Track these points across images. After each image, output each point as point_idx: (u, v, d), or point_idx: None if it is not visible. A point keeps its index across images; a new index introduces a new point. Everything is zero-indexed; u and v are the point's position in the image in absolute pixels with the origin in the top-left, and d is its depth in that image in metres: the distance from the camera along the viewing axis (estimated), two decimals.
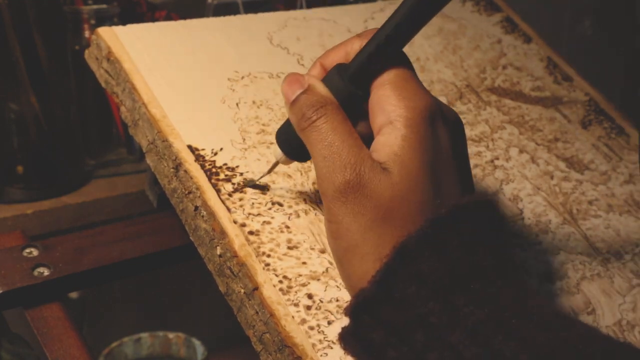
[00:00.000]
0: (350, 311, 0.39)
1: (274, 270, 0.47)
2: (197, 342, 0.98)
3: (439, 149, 0.43)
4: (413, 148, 0.42)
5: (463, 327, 0.37)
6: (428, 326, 0.37)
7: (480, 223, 0.41)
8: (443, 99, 0.67)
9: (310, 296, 0.46)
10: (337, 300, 0.46)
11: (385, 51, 0.44)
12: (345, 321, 0.40)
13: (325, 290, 0.47)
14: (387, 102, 0.43)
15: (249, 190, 0.52)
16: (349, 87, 0.45)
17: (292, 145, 0.48)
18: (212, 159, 0.53)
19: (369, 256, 0.41)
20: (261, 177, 0.52)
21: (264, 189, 0.52)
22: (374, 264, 0.40)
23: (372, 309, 0.39)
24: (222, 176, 0.52)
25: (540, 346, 0.36)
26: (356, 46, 0.46)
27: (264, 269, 0.47)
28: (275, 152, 0.49)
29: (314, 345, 0.43)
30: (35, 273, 0.56)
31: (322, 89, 0.45)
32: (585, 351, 0.36)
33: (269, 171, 0.51)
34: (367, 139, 0.44)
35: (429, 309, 0.38)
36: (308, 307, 0.45)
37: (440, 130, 0.43)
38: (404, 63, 0.45)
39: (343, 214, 0.42)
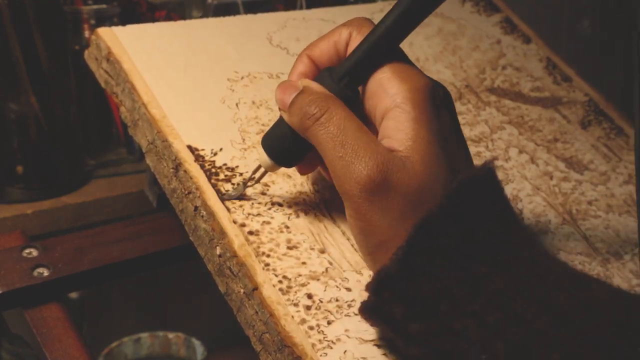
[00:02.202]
0: (371, 288, 0.39)
1: (274, 270, 0.47)
2: (196, 342, 0.98)
3: (445, 127, 0.43)
4: (426, 130, 0.41)
5: (484, 294, 0.37)
6: (451, 297, 0.38)
7: (490, 192, 0.41)
8: None
9: (309, 296, 0.46)
10: (337, 300, 0.46)
11: (378, 52, 0.43)
12: (362, 296, 0.40)
13: (324, 290, 0.47)
14: (389, 86, 0.42)
15: (249, 190, 0.52)
16: (342, 90, 0.44)
17: (280, 150, 0.47)
18: (212, 159, 0.53)
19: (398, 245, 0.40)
20: (246, 187, 0.51)
21: (250, 198, 0.51)
22: None
23: (393, 285, 0.39)
24: (221, 176, 0.52)
25: (559, 307, 0.37)
26: (345, 35, 0.46)
27: (263, 269, 0.47)
28: (262, 159, 0.48)
29: (313, 345, 0.43)
30: (35, 273, 0.56)
31: (317, 86, 0.44)
32: (602, 309, 0.36)
33: (257, 180, 0.50)
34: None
35: (451, 281, 0.38)
36: (308, 307, 0.45)
37: (441, 108, 0.43)
38: (399, 55, 0.45)
39: (372, 212, 0.41)
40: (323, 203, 0.53)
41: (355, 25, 0.46)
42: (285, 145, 0.46)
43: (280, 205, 0.51)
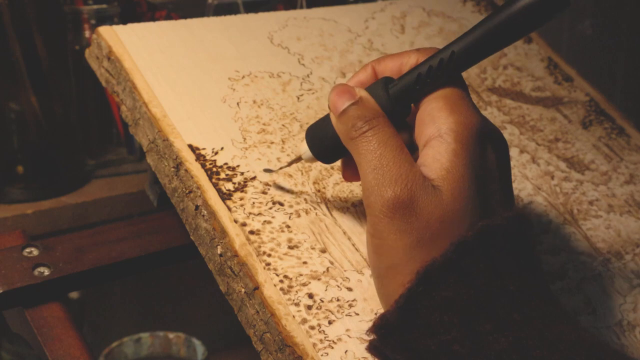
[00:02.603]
0: (374, 331, 0.39)
1: (275, 269, 0.47)
2: (197, 342, 0.98)
3: (487, 168, 0.42)
4: (464, 165, 0.41)
5: (487, 355, 0.36)
6: (451, 353, 0.37)
7: (508, 244, 0.40)
8: None
9: (311, 296, 0.46)
10: (338, 300, 0.46)
11: (437, 74, 0.43)
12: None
13: (326, 290, 0.47)
14: (439, 115, 0.42)
15: (250, 189, 0.52)
16: (392, 103, 0.44)
17: (321, 147, 0.48)
18: (213, 158, 0.53)
19: (412, 275, 0.40)
20: (280, 168, 0.53)
21: (271, 171, 0.53)
22: None
23: (395, 332, 0.38)
24: (222, 175, 0.52)
25: None
26: (412, 60, 0.46)
27: (264, 268, 0.47)
28: (302, 148, 0.49)
29: (314, 344, 0.43)
30: (36, 273, 0.56)
31: (373, 102, 0.44)
32: None
33: (290, 164, 0.51)
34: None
35: (452, 337, 0.37)
36: (309, 307, 0.45)
37: (488, 149, 0.43)
38: (458, 82, 0.44)
39: (389, 230, 0.41)
40: (324, 203, 0.53)
41: (426, 53, 0.46)
42: (328, 143, 0.47)
43: (281, 204, 0.51)
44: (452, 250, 0.39)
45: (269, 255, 0.47)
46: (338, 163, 0.51)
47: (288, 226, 0.50)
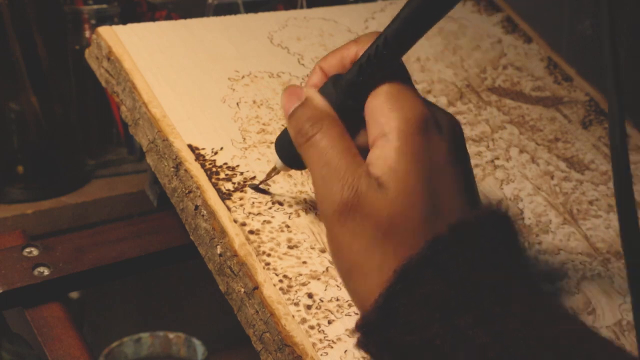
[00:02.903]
0: (357, 329, 0.39)
1: (274, 269, 0.47)
2: (197, 342, 0.98)
3: (435, 160, 0.42)
4: (408, 161, 0.41)
5: (468, 349, 0.36)
6: (433, 349, 0.37)
7: (484, 238, 0.40)
8: (443, 99, 0.67)
9: (310, 295, 0.46)
10: (338, 300, 0.46)
11: (377, 62, 0.42)
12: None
13: (325, 290, 0.47)
14: (380, 114, 0.42)
15: (249, 189, 0.52)
16: (342, 99, 0.44)
17: (290, 154, 0.47)
18: (213, 158, 0.53)
19: (372, 274, 0.40)
20: (260, 183, 0.52)
21: (265, 193, 0.52)
22: (378, 283, 0.39)
23: (377, 331, 0.38)
24: (222, 175, 0.52)
25: None
26: (352, 52, 0.46)
27: (264, 268, 0.47)
28: (274, 159, 0.49)
29: (314, 344, 0.43)
30: (36, 273, 0.56)
31: (319, 100, 0.44)
32: None
33: (268, 177, 0.51)
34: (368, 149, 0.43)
35: (433, 333, 0.37)
36: (308, 307, 0.45)
37: (435, 139, 0.42)
38: (399, 72, 0.44)
39: (342, 234, 0.41)
40: None
41: (364, 42, 0.45)
42: (292, 149, 0.46)
43: (280, 204, 0.51)
44: (427, 247, 0.39)
45: (269, 255, 0.47)
46: None
47: (287, 226, 0.50)
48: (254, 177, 0.53)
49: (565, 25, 1.16)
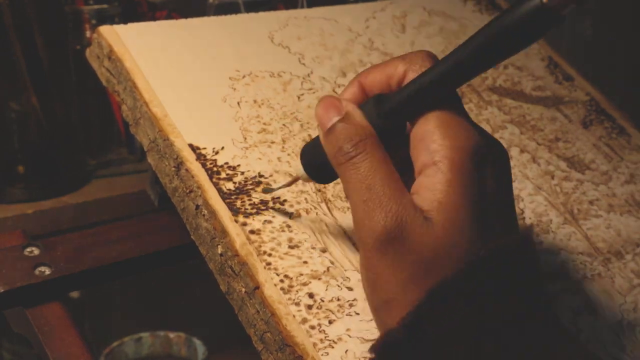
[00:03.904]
0: (377, 350, 0.38)
1: (275, 269, 0.47)
2: (197, 342, 0.98)
3: (485, 194, 0.40)
4: (458, 194, 0.39)
5: None
6: None
7: (516, 266, 0.39)
8: None
9: (311, 295, 0.46)
10: (338, 300, 0.46)
11: (434, 92, 0.40)
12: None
13: (326, 290, 0.47)
14: (431, 140, 0.40)
15: (250, 189, 0.52)
16: (383, 123, 0.42)
17: (315, 168, 0.46)
18: (213, 157, 0.53)
19: (408, 310, 0.38)
20: (279, 188, 0.50)
21: (279, 199, 0.51)
22: None
23: (399, 351, 0.37)
24: (223, 175, 0.52)
25: None
26: (399, 71, 0.43)
27: (265, 268, 0.47)
28: (297, 168, 0.47)
29: (315, 344, 0.43)
30: (36, 272, 0.56)
31: (360, 118, 0.42)
32: None
33: (289, 184, 0.50)
34: (402, 171, 0.42)
35: (459, 357, 0.36)
36: (309, 307, 0.45)
37: (487, 172, 0.40)
38: (452, 98, 0.42)
39: (383, 265, 0.39)
40: (325, 202, 0.53)
41: (414, 62, 0.43)
42: (321, 164, 0.44)
43: (282, 204, 0.51)
44: (462, 270, 0.37)
45: (270, 255, 0.47)
46: None
47: (289, 226, 0.50)
48: (255, 177, 0.53)
49: (567, 25, 1.16)
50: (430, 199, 0.39)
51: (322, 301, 0.46)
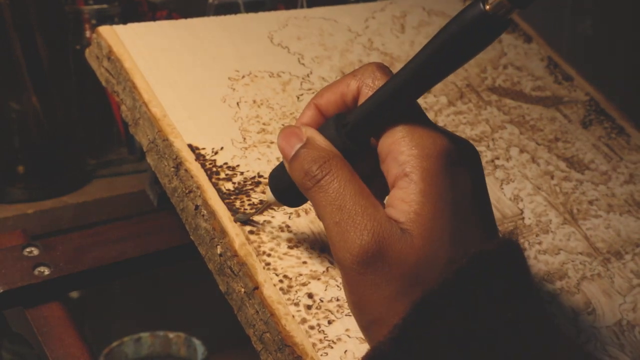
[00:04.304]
0: None
1: (275, 269, 0.47)
2: (197, 342, 0.98)
3: (459, 197, 0.39)
4: (433, 204, 0.38)
5: None
6: None
7: (502, 270, 0.38)
8: (444, 99, 0.67)
9: (310, 295, 0.46)
10: (338, 300, 0.46)
11: (393, 106, 0.40)
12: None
13: (325, 290, 0.47)
14: (399, 152, 0.39)
15: (249, 190, 0.52)
16: (346, 143, 0.41)
17: (283, 193, 0.45)
18: (213, 158, 0.53)
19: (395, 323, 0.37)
20: (253, 214, 0.49)
21: (257, 225, 0.50)
22: None
23: None
24: (222, 175, 0.52)
25: None
26: (353, 87, 0.43)
27: (264, 268, 0.47)
28: (267, 194, 0.46)
29: (314, 344, 0.43)
30: (36, 272, 0.56)
31: (322, 141, 0.41)
32: None
33: (261, 211, 0.49)
34: (373, 186, 0.41)
35: None
36: (308, 307, 0.45)
37: (459, 174, 0.40)
38: (412, 108, 0.41)
39: (364, 286, 0.38)
40: None
41: (365, 77, 0.42)
42: (288, 189, 0.44)
43: None
44: (446, 278, 0.36)
45: (269, 255, 0.48)
46: None
47: (288, 226, 0.50)
48: (254, 177, 0.53)
49: (566, 25, 1.16)
50: (406, 211, 0.38)
51: (322, 301, 0.46)
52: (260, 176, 0.53)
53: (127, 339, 0.97)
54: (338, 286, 0.47)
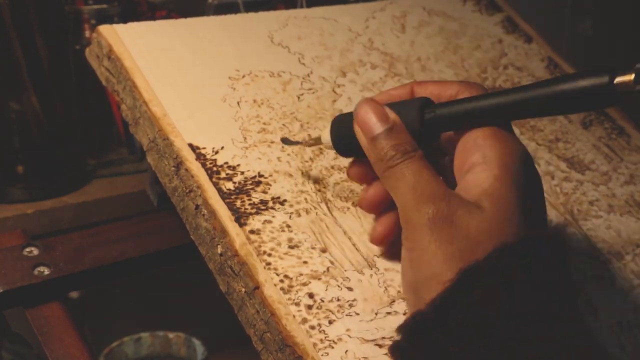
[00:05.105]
0: (403, 330, 0.38)
1: (275, 269, 0.47)
2: (197, 342, 0.98)
3: (527, 191, 0.42)
4: (505, 187, 0.41)
5: None
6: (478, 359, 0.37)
7: (547, 257, 0.40)
8: None
9: (311, 295, 0.46)
10: (338, 300, 0.46)
11: (491, 116, 0.44)
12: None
13: (326, 290, 0.47)
14: (484, 143, 0.43)
15: (250, 189, 0.52)
16: (424, 129, 0.44)
17: (342, 142, 0.49)
18: (213, 157, 0.53)
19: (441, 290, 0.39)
20: (298, 143, 0.54)
21: (298, 143, 0.54)
22: None
23: (426, 332, 0.38)
24: (223, 175, 0.52)
25: None
26: (453, 90, 0.46)
27: (264, 268, 0.47)
28: (325, 137, 0.50)
29: (315, 344, 0.43)
30: (36, 272, 0.56)
31: (405, 133, 0.44)
32: None
33: (309, 144, 0.53)
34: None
35: (480, 344, 0.37)
36: (309, 307, 0.45)
37: (528, 174, 0.43)
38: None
39: (429, 241, 0.40)
40: (325, 202, 0.53)
41: (466, 86, 0.46)
42: (348, 143, 0.47)
43: (281, 204, 0.51)
44: (495, 255, 0.38)
45: (270, 255, 0.47)
46: (337, 162, 0.51)
47: (288, 226, 0.50)
48: (254, 177, 0.53)
49: (567, 25, 1.16)
50: (478, 192, 0.41)
51: (322, 301, 0.46)
52: (260, 175, 0.53)
53: (127, 339, 0.97)
54: (339, 286, 0.47)
